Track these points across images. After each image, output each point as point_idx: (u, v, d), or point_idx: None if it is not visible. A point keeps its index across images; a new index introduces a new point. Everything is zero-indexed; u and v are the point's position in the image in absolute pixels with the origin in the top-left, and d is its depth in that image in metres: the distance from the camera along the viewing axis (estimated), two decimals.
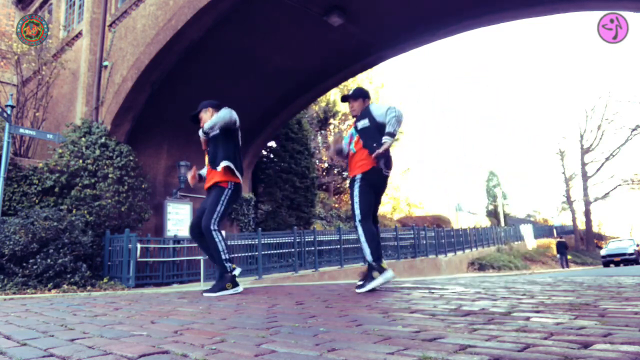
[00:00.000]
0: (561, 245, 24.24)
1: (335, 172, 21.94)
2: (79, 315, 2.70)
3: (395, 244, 14.79)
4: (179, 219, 10.95)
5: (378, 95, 23.76)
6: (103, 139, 9.57)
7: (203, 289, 4.07)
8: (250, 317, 2.36)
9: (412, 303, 2.68)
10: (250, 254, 10.35)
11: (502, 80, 66.55)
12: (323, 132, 22.70)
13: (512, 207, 39.92)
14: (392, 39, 10.43)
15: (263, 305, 2.91)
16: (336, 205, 21.33)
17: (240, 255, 10.21)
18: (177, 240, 9.82)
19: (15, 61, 10.93)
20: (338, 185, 22.71)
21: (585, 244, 34.99)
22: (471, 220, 29.72)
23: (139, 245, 8.67)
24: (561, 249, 24.09)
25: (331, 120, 22.43)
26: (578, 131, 36.12)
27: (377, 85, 23.99)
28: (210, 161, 4.17)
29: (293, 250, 11.06)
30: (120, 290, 7.50)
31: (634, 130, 33.31)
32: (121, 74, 9.77)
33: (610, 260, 22.41)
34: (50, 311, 3.02)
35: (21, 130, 8.71)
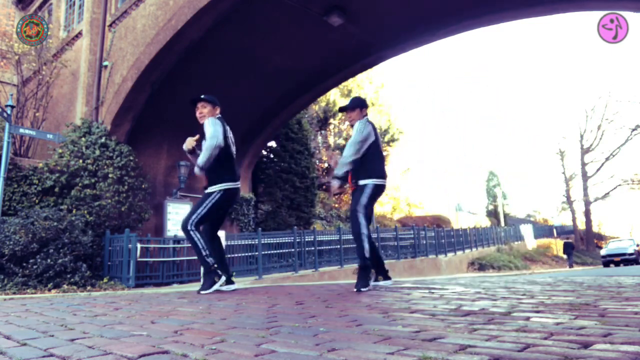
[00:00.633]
0: (568, 246, 24.60)
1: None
2: (79, 315, 2.70)
3: (395, 244, 14.79)
4: (179, 219, 10.93)
5: (378, 95, 23.75)
6: (103, 139, 9.57)
7: (198, 288, 4.14)
8: (250, 317, 2.36)
9: (412, 303, 2.68)
10: (250, 254, 10.36)
11: (502, 80, 66.49)
12: (323, 132, 22.70)
13: (512, 207, 39.96)
14: (392, 39, 10.44)
15: (263, 305, 2.91)
16: (336, 205, 21.33)
17: (240, 255, 10.22)
18: (177, 240, 9.81)
19: (16, 61, 10.93)
20: None
21: (585, 244, 34.99)
22: (471, 220, 29.72)
23: (139, 245, 8.67)
24: (568, 249, 24.44)
25: (331, 120, 22.43)
26: (578, 131, 36.18)
27: (377, 85, 23.98)
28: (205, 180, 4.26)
29: (293, 250, 11.06)
30: (120, 290, 7.50)
31: (634, 130, 33.34)
32: (121, 74, 9.77)
33: (610, 260, 22.42)
34: (50, 311, 3.02)
35: (21, 130, 8.72)
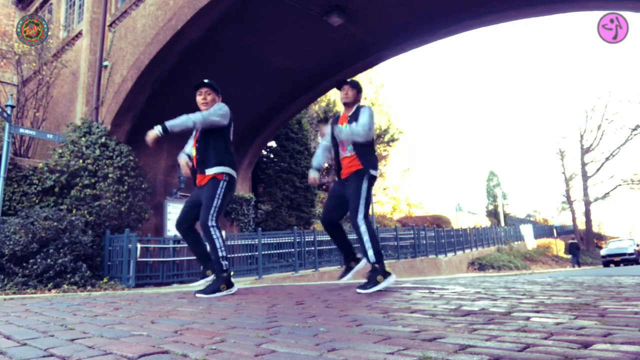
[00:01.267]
0: (573, 247, 24.78)
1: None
2: (79, 315, 2.70)
3: (395, 244, 14.78)
4: None
5: (378, 95, 23.73)
6: (103, 139, 9.57)
7: (197, 289, 3.84)
8: (250, 317, 2.36)
9: (412, 303, 2.68)
10: (250, 253, 10.36)
11: (502, 80, 66.49)
12: None
13: (512, 207, 39.99)
14: (392, 39, 10.43)
15: (263, 305, 2.91)
16: None
17: (240, 255, 10.22)
18: (177, 240, 9.81)
19: (16, 61, 10.92)
20: None
21: (585, 244, 34.99)
22: (471, 220, 29.71)
23: (139, 245, 8.67)
24: (573, 249, 24.64)
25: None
26: (578, 131, 36.22)
27: (377, 85, 23.97)
28: (199, 163, 3.87)
29: (293, 250, 11.06)
30: (120, 290, 7.50)
31: (634, 130, 33.36)
32: (121, 74, 9.77)
33: (610, 260, 22.44)
34: (50, 311, 3.02)
35: (21, 130, 8.71)
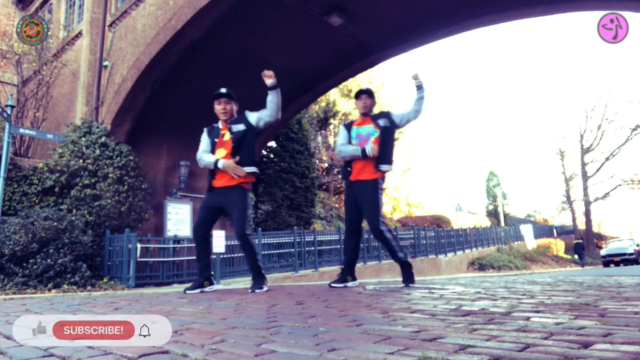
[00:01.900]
0: (578, 247, 25.15)
1: (335, 171, 21.95)
2: (79, 316, 2.70)
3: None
4: (179, 219, 10.94)
5: (378, 95, 23.74)
6: (103, 139, 9.56)
7: (221, 287, 3.96)
8: (250, 317, 2.36)
9: (412, 303, 2.68)
10: None
11: (502, 80, 66.52)
12: (323, 132, 22.70)
13: (512, 207, 40.00)
14: (392, 39, 10.43)
15: (263, 305, 2.91)
16: (336, 205, 21.33)
17: (240, 255, 10.21)
18: (177, 240, 9.81)
19: (16, 61, 10.92)
20: (338, 185, 22.71)
21: (585, 244, 34.98)
22: (471, 220, 29.71)
23: (139, 245, 8.66)
24: (578, 249, 25.03)
25: (331, 120, 22.43)
26: (578, 131, 36.11)
27: (377, 85, 23.98)
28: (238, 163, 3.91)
29: (293, 250, 11.06)
30: (120, 290, 7.50)
31: (634, 130, 33.30)
32: (121, 74, 9.76)
33: (610, 260, 22.44)
34: (50, 311, 3.02)
35: (21, 130, 8.71)
